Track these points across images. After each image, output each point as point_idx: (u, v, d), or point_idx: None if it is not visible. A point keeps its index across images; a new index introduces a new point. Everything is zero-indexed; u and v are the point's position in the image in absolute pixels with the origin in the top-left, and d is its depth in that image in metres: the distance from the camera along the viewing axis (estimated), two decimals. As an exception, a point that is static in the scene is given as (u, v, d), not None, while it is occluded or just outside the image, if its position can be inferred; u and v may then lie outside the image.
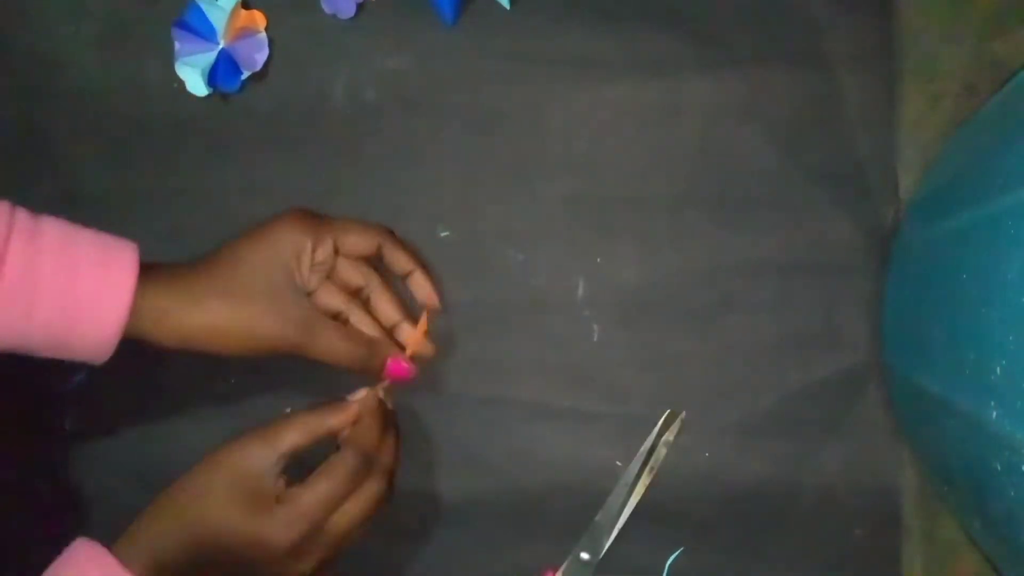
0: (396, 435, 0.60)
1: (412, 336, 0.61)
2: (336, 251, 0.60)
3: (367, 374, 0.60)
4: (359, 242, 0.61)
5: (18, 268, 0.53)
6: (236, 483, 0.55)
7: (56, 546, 0.70)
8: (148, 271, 0.56)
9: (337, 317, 0.60)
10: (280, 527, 0.55)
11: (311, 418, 0.57)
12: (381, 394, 0.59)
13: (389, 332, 0.62)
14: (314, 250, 0.59)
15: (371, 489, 0.57)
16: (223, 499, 0.55)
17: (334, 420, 0.58)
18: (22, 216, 0.55)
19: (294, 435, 0.56)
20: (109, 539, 0.56)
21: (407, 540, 0.72)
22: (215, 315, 0.57)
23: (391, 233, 0.62)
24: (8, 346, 0.55)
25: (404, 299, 0.62)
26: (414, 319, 0.61)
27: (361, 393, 0.59)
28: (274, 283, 0.58)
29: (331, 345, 0.59)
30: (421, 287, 0.63)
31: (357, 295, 0.62)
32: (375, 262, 0.62)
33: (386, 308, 0.62)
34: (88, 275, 0.54)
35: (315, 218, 0.60)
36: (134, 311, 0.55)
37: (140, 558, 0.54)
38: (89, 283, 0.54)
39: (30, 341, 0.55)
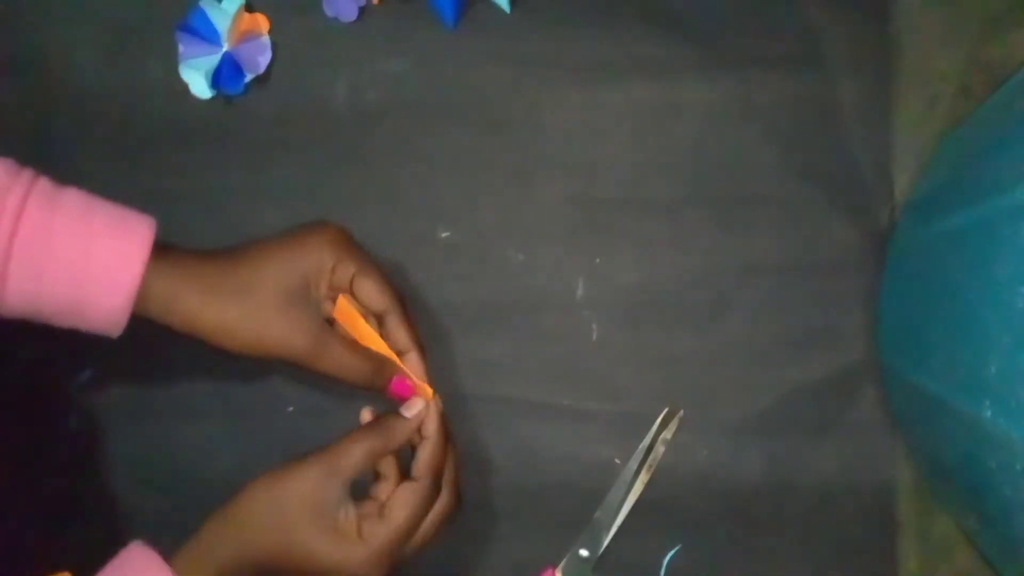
0: (454, 445, 0.60)
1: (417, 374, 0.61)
2: (351, 287, 0.59)
3: (370, 391, 0.60)
4: (371, 294, 0.59)
5: (32, 229, 0.53)
6: (317, 519, 0.55)
7: (59, 546, 0.71)
8: (165, 251, 0.56)
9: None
10: (369, 567, 0.56)
11: (374, 441, 0.57)
12: (440, 406, 0.60)
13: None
14: (333, 271, 0.58)
15: (443, 506, 0.59)
16: (304, 529, 0.55)
17: (398, 440, 0.58)
18: (43, 181, 0.55)
19: (358, 461, 0.57)
20: (115, 539, 0.56)
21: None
22: (226, 312, 0.56)
23: (403, 305, 0.61)
24: (21, 310, 0.55)
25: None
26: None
27: (418, 405, 0.59)
28: (291, 292, 0.57)
29: (338, 359, 0.58)
30: (413, 369, 0.61)
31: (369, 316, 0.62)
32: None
33: (400, 334, 0.61)
34: (102, 243, 0.54)
35: (347, 244, 0.59)
36: (146, 290, 0.55)
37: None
38: (102, 251, 0.54)
39: (41, 306, 0.54)
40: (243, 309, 0.56)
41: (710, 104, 0.73)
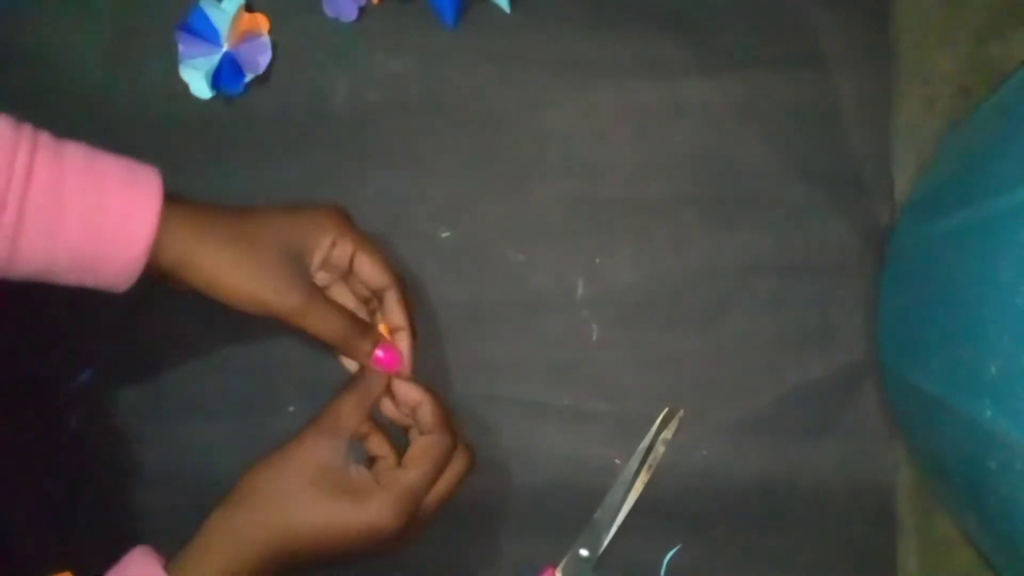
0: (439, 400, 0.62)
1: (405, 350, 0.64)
2: (351, 266, 0.61)
3: (354, 356, 0.62)
4: (371, 271, 0.62)
5: (44, 185, 0.53)
6: (320, 482, 0.56)
7: (59, 546, 0.71)
8: (173, 201, 0.57)
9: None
10: (388, 512, 0.56)
11: (356, 393, 0.60)
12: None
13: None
14: (333, 244, 0.60)
15: (459, 464, 0.60)
16: (316, 498, 0.56)
17: (377, 386, 0.61)
18: (46, 137, 0.55)
19: (350, 416, 0.59)
20: (115, 539, 0.56)
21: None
22: (224, 252, 0.57)
23: (402, 283, 0.63)
24: (34, 269, 0.54)
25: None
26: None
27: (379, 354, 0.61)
28: (289, 252, 0.58)
29: (326, 316, 0.59)
30: (401, 349, 0.63)
31: (368, 303, 0.64)
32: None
33: (396, 311, 0.63)
34: (115, 196, 0.54)
35: (348, 222, 0.62)
36: (159, 239, 0.55)
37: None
38: (116, 204, 0.54)
39: (56, 264, 0.54)
40: (241, 255, 0.57)
41: (710, 104, 0.73)
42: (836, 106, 0.73)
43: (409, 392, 0.62)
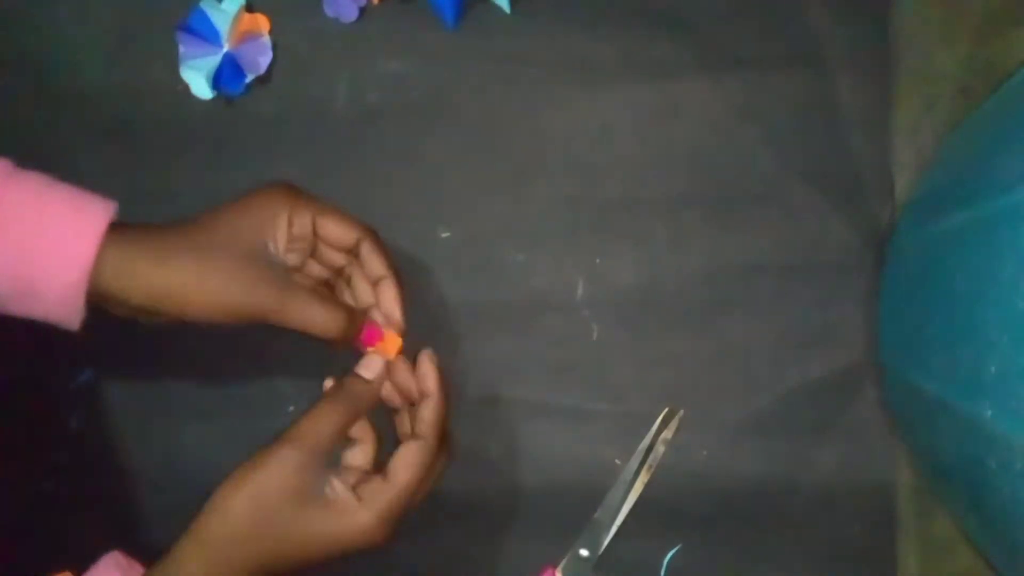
0: (448, 399, 0.59)
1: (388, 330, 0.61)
2: (315, 232, 0.59)
3: (343, 344, 0.59)
4: (337, 230, 0.59)
5: None
6: (296, 503, 0.54)
7: (59, 546, 0.71)
8: (120, 227, 0.55)
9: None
10: (372, 530, 0.55)
11: (341, 412, 0.56)
12: (435, 358, 0.59)
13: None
14: (291, 223, 0.58)
15: (440, 465, 0.59)
16: (295, 519, 0.54)
17: (365, 405, 0.58)
18: (3, 162, 0.54)
19: (329, 437, 0.56)
20: (116, 539, 0.56)
21: (407, 538, 0.71)
22: (185, 272, 0.55)
23: (373, 233, 0.60)
24: None
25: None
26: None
27: (375, 364, 0.59)
28: (250, 248, 0.56)
29: (306, 310, 0.57)
30: (388, 299, 0.61)
31: (340, 275, 0.62)
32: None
33: (365, 290, 0.61)
34: (57, 217, 0.53)
35: (297, 193, 0.59)
36: (100, 262, 0.53)
37: None
38: (56, 224, 0.53)
39: None
40: (202, 268, 0.55)
41: (710, 104, 0.73)
42: (836, 106, 0.73)
43: (426, 378, 0.59)
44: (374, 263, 0.60)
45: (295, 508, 0.54)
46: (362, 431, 0.59)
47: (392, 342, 0.60)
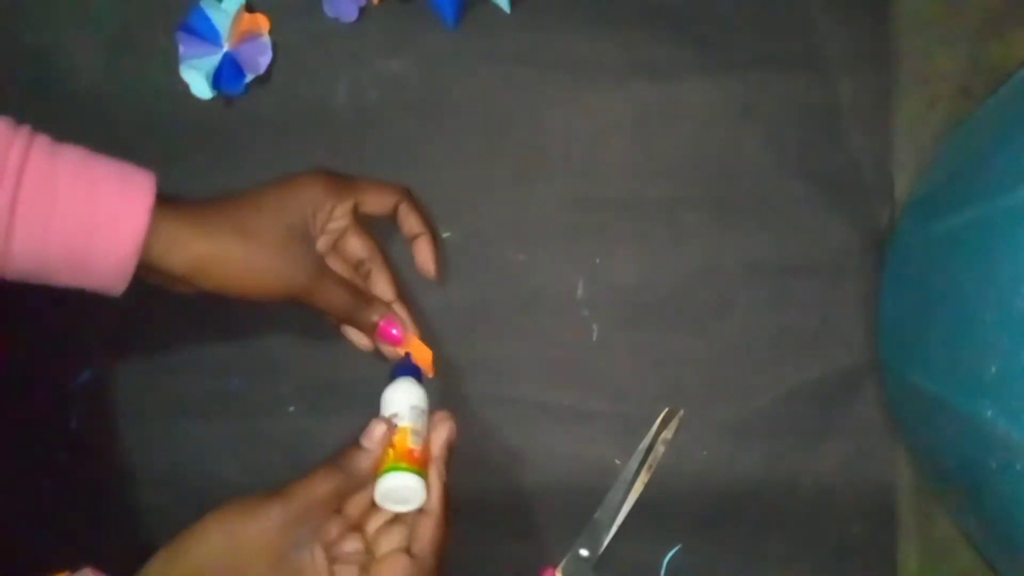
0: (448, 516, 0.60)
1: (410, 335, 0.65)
2: (356, 210, 0.63)
3: (360, 329, 0.63)
4: (378, 200, 0.64)
5: (36, 180, 0.53)
6: (272, 560, 0.54)
7: (59, 546, 0.71)
8: (166, 199, 0.56)
9: None
10: None
11: (339, 481, 0.57)
12: (444, 475, 0.60)
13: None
14: (333, 209, 0.62)
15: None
16: (262, 574, 0.54)
17: (364, 476, 0.58)
18: (43, 137, 0.55)
19: (322, 505, 0.56)
20: (116, 539, 0.56)
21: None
22: (231, 248, 0.57)
23: (410, 193, 0.66)
24: (27, 269, 0.54)
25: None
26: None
27: (377, 433, 0.59)
28: (291, 230, 0.59)
29: (332, 293, 0.61)
30: (423, 252, 0.66)
31: (359, 268, 0.65)
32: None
33: (383, 285, 0.65)
34: (107, 192, 0.54)
35: (339, 180, 0.63)
36: (152, 236, 0.55)
37: None
38: (108, 199, 0.54)
39: (48, 261, 0.54)
40: (246, 249, 0.58)
41: (710, 105, 0.73)
42: (837, 106, 0.73)
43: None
44: (411, 221, 0.66)
45: (267, 568, 0.54)
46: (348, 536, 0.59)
47: (422, 354, 0.65)
